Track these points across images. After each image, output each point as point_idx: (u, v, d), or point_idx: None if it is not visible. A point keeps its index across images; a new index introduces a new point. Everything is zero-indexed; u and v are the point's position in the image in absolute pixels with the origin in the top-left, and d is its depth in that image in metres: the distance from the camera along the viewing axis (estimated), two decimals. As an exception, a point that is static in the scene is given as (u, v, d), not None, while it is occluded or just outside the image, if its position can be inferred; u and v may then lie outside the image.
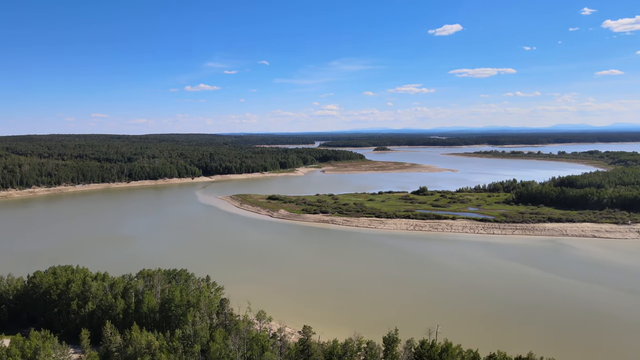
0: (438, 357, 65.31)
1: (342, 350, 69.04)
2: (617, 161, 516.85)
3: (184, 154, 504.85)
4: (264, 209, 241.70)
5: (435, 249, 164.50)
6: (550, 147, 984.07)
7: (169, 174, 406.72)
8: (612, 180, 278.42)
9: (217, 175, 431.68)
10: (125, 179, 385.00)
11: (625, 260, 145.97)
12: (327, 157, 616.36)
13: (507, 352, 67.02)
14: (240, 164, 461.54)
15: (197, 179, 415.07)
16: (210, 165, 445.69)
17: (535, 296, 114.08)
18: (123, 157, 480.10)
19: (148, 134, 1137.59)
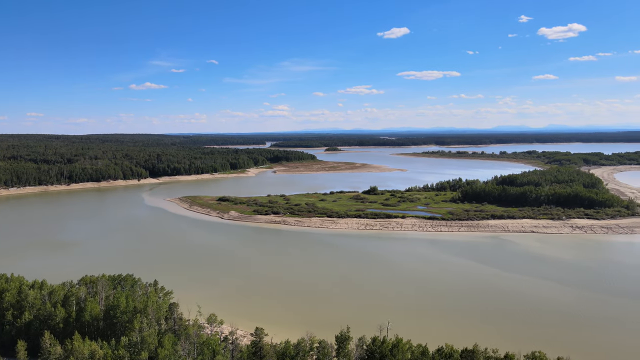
0: (389, 353, 66.53)
1: (294, 351, 68.85)
2: (553, 161, 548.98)
3: (129, 155, 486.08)
4: (214, 210, 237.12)
5: (386, 247, 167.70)
6: (493, 147, 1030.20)
7: (114, 175, 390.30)
8: (549, 179, 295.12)
9: (165, 177, 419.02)
10: (65, 182, 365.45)
11: (559, 254, 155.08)
12: (278, 157, 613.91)
13: (454, 345, 69.35)
14: (190, 165, 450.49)
15: (143, 181, 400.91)
16: (158, 167, 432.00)
17: (480, 290, 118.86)
18: (62, 158, 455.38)
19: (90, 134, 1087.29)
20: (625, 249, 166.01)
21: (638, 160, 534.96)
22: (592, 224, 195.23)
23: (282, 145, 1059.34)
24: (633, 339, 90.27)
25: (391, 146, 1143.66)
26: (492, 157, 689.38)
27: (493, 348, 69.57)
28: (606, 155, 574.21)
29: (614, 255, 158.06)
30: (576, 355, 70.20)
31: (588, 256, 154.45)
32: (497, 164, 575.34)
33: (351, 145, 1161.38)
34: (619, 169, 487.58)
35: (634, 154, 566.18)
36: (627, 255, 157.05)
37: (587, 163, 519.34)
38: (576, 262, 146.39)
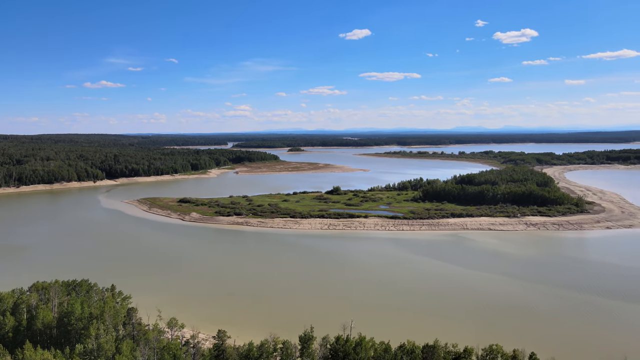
0: (352, 351, 66.96)
1: (258, 352, 68.18)
2: (508, 160, 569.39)
3: (84, 156, 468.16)
4: (174, 212, 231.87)
5: (349, 247, 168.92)
6: (452, 147, 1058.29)
7: (67, 177, 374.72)
8: (504, 178, 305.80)
9: (122, 178, 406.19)
10: (14, 184, 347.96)
11: (515, 251, 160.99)
12: (240, 158, 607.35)
13: (415, 341, 70.61)
14: (149, 166, 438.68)
15: (100, 183, 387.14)
16: (115, 168, 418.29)
17: (441, 287, 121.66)
18: (11, 159, 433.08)
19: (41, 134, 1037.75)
20: (575, 244, 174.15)
21: (586, 160, 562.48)
22: (545, 221, 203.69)
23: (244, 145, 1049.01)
24: (582, 329, 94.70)
25: (354, 146, 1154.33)
26: (452, 157, 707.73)
27: (453, 343, 71.30)
28: (557, 155, 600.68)
29: (564, 250, 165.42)
30: (531, 346, 72.93)
31: (541, 252, 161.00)
32: (457, 163, 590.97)
33: (314, 145, 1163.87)
34: (569, 168, 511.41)
35: (582, 154, 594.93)
36: (576, 250, 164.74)
37: (540, 163, 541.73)
38: (530, 257, 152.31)
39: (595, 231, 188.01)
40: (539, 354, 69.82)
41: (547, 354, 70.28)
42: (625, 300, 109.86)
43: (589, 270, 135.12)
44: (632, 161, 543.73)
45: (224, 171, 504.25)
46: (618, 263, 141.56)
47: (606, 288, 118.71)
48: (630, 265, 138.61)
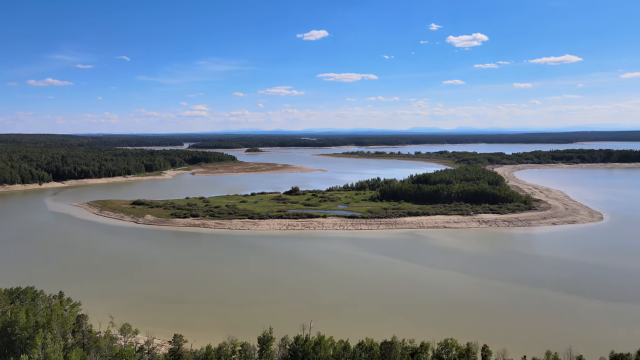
0: (311, 351, 66.99)
1: (216, 356, 66.97)
2: (462, 160, 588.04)
3: (28, 157, 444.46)
4: (127, 215, 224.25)
5: (308, 247, 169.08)
6: (408, 147, 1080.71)
7: (10, 179, 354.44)
8: (458, 177, 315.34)
9: (71, 180, 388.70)
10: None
11: (469, 247, 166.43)
12: (197, 159, 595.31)
13: (374, 339, 71.52)
14: (99, 167, 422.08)
15: (46, 185, 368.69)
16: (63, 170, 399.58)
17: (399, 284, 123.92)
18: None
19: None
20: (523, 240, 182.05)
21: (533, 159, 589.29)
22: (496, 218, 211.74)
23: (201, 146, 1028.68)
24: (529, 321, 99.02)
25: (312, 147, 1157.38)
26: (408, 157, 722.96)
27: (410, 339, 72.81)
28: (507, 155, 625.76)
29: (514, 246, 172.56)
30: (484, 339, 75.48)
31: (492, 248, 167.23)
32: (413, 163, 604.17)
33: (272, 146, 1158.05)
34: (518, 167, 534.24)
35: (530, 154, 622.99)
36: (525, 246, 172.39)
37: (491, 162, 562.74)
38: (482, 254, 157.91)
39: (542, 227, 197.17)
40: (491, 346, 72.45)
41: (499, 345, 72.93)
42: (569, 293, 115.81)
43: (536, 265, 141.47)
44: (575, 160, 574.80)
45: (179, 172, 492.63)
46: (562, 257, 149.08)
47: (552, 281, 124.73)
48: (573, 259, 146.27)
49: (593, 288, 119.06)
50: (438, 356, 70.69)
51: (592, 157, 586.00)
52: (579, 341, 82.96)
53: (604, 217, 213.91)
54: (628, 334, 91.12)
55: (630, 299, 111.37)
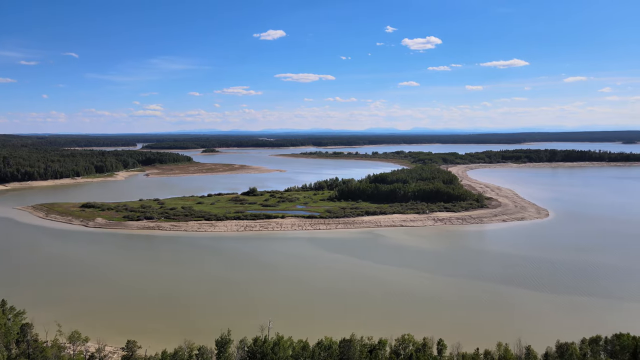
0: (270, 352, 66.45)
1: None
2: (417, 160, 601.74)
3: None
4: (76, 218, 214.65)
5: (266, 248, 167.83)
6: (366, 148, 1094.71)
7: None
8: (414, 176, 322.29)
9: (14, 183, 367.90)
10: None
11: (424, 245, 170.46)
12: (151, 159, 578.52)
13: (333, 337, 71.85)
14: (45, 168, 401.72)
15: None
16: (5, 171, 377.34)
17: (357, 283, 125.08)
18: None
19: None
20: (476, 236, 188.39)
21: (485, 159, 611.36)
22: (450, 216, 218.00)
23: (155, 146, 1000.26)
24: (481, 315, 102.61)
25: (270, 147, 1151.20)
26: (366, 157, 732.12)
27: (368, 336, 73.64)
28: (460, 155, 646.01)
29: (467, 242, 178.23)
30: (439, 333, 77.44)
31: (447, 245, 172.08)
32: (370, 163, 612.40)
33: (229, 146, 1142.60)
34: (471, 167, 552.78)
35: (482, 154, 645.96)
36: (477, 242, 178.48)
37: (445, 162, 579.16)
38: (437, 251, 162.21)
39: (493, 224, 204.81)
40: (446, 340, 74.43)
41: (453, 339, 74.99)
42: (518, 286, 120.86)
43: (488, 260, 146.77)
44: (523, 160, 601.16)
45: (132, 173, 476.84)
46: (512, 252, 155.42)
47: (502, 276, 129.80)
48: (522, 254, 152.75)
49: (540, 281, 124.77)
50: (396, 352, 71.86)
51: (538, 157, 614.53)
52: (528, 332, 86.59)
53: (550, 214, 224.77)
54: (572, 323, 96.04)
55: (574, 291, 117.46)
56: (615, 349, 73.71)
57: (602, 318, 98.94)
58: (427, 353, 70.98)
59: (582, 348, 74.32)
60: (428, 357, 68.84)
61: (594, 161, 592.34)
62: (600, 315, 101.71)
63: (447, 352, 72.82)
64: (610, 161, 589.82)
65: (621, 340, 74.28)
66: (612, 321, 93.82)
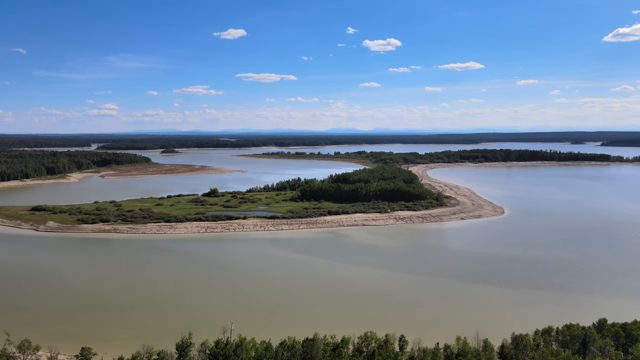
0: (232, 353, 65.53)
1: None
2: (379, 160, 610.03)
3: None
4: (26, 222, 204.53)
5: (228, 249, 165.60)
6: (328, 148, 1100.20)
7: None
8: (376, 176, 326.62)
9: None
10: None
11: (386, 243, 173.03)
12: (107, 160, 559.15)
13: (296, 337, 71.66)
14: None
15: None
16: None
17: (320, 282, 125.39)
18: None
19: None
20: (435, 234, 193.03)
21: (444, 159, 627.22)
22: (411, 214, 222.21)
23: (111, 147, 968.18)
24: (440, 310, 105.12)
25: (231, 148, 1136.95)
26: (328, 157, 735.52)
27: (331, 334, 73.88)
28: (420, 155, 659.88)
29: (427, 240, 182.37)
30: (401, 330, 78.70)
31: (408, 243, 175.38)
32: (332, 163, 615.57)
33: (189, 147, 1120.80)
34: (430, 166, 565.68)
35: (441, 154, 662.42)
36: (437, 240, 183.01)
37: (406, 162, 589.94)
38: (398, 249, 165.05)
39: (452, 222, 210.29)
40: (408, 336, 75.74)
41: (414, 335, 76.39)
42: (475, 281, 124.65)
43: (447, 257, 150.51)
44: (480, 160, 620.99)
45: (87, 175, 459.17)
46: (470, 249, 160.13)
47: (460, 272, 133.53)
48: (479, 251, 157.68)
49: (496, 276, 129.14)
50: (358, 349, 72.46)
51: (494, 157, 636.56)
52: (485, 326, 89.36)
53: (505, 211, 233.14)
54: (526, 316, 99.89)
55: (527, 285, 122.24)
56: (566, 339, 77.22)
57: (553, 310, 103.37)
58: (389, 349, 71.97)
59: (535, 339, 77.42)
60: (390, 354, 69.81)
61: (545, 160, 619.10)
62: (552, 307, 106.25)
63: (409, 347, 74.10)
64: (560, 160, 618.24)
65: (571, 331, 77.89)
66: (562, 313, 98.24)
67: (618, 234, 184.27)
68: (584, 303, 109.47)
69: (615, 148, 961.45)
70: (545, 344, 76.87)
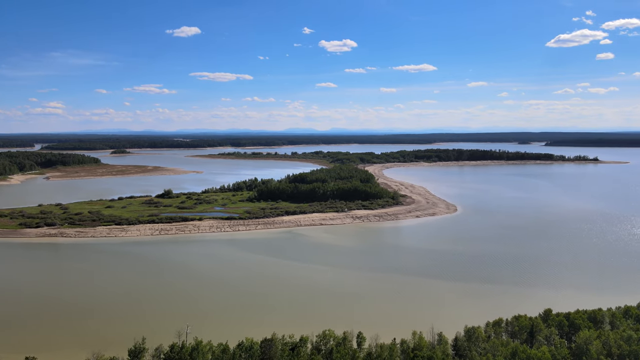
0: (188, 357, 64.02)
1: (78, 376, 60.32)
2: (336, 160, 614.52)
3: None
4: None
5: (183, 251, 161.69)
6: (285, 148, 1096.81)
7: None
8: (333, 176, 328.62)
9: None
10: None
11: (343, 242, 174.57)
12: (52, 161, 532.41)
13: (254, 338, 70.90)
14: None
15: None
16: None
17: (277, 282, 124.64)
18: None
19: None
20: (392, 232, 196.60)
21: (399, 158, 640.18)
22: (368, 213, 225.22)
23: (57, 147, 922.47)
24: (396, 305, 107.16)
25: (186, 148, 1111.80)
26: (285, 157, 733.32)
27: (289, 334, 73.62)
28: (377, 154, 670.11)
29: (383, 238, 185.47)
30: (358, 326, 79.58)
31: (364, 242, 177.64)
32: (289, 163, 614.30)
33: (142, 147, 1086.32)
34: (386, 166, 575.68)
35: (396, 154, 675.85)
36: (393, 238, 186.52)
37: (363, 161, 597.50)
38: (355, 247, 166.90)
39: (408, 220, 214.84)
40: (365, 333, 76.66)
41: (372, 331, 77.37)
42: (430, 277, 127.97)
43: (403, 255, 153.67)
44: (434, 159, 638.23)
45: (30, 177, 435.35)
46: (424, 246, 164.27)
47: (416, 268, 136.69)
48: (433, 248, 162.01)
49: (449, 272, 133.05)
50: (317, 348, 72.60)
51: (447, 156, 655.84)
52: (440, 320, 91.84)
53: (458, 209, 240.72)
54: (478, 309, 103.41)
55: (478, 279, 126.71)
56: (514, 330, 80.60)
57: (502, 302, 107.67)
58: (348, 346, 72.54)
59: (486, 331, 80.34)
60: (348, 351, 70.35)
61: (494, 160, 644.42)
62: (501, 299, 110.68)
63: (367, 344, 74.97)
64: (508, 160, 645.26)
65: (520, 321, 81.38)
66: (511, 305, 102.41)
67: (560, 228, 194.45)
68: (531, 295, 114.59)
69: (558, 148, 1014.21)
70: (496, 335, 79.91)
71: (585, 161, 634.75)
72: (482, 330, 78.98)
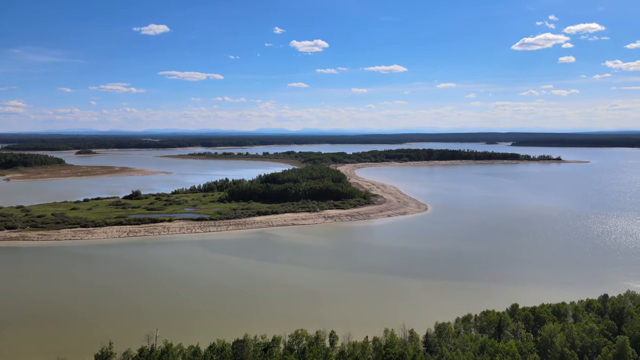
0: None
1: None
2: (308, 160, 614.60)
3: None
4: None
5: (153, 253, 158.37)
6: (256, 148, 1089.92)
7: None
8: (305, 176, 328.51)
9: None
10: None
11: (316, 242, 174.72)
12: (13, 162, 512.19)
13: (226, 339, 70.05)
14: None
15: None
16: None
17: (248, 283, 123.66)
18: None
19: None
20: (363, 231, 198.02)
21: (371, 158, 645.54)
22: (340, 213, 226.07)
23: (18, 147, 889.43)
24: (368, 304, 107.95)
25: (155, 148, 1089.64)
26: (256, 157, 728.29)
27: (262, 334, 73.11)
28: (348, 154, 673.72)
29: (355, 238, 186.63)
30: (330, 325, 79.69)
31: (337, 241, 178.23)
32: (261, 163, 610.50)
33: (108, 147, 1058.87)
34: (358, 165, 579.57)
35: (368, 154, 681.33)
36: (364, 237, 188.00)
37: (334, 161, 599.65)
38: (327, 247, 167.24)
39: (379, 219, 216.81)
40: (338, 332, 76.89)
41: (344, 330, 77.63)
42: (401, 275, 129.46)
43: (374, 253, 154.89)
44: (404, 159, 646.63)
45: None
46: (396, 245, 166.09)
47: (387, 267, 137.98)
48: (404, 246, 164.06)
49: (420, 269, 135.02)
50: (290, 347, 72.32)
51: (417, 156, 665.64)
52: (411, 317, 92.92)
53: (429, 208, 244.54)
54: (447, 305, 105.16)
55: (448, 276, 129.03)
56: (483, 325, 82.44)
57: (471, 298, 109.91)
58: (320, 346, 72.56)
59: (456, 326, 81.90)
60: (321, 350, 70.36)
61: (463, 159, 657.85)
62: (470, 296, 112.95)
63: (339, 342, 75.17)
64: (476, 159, 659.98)
65: (488, 317, 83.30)
66: (479, 300, 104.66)
67: (526, 225, 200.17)
68: (499, 290, 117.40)
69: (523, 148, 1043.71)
70: (465, 330, 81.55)
71: (549, 160, 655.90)
72: (452, 326, 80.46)
